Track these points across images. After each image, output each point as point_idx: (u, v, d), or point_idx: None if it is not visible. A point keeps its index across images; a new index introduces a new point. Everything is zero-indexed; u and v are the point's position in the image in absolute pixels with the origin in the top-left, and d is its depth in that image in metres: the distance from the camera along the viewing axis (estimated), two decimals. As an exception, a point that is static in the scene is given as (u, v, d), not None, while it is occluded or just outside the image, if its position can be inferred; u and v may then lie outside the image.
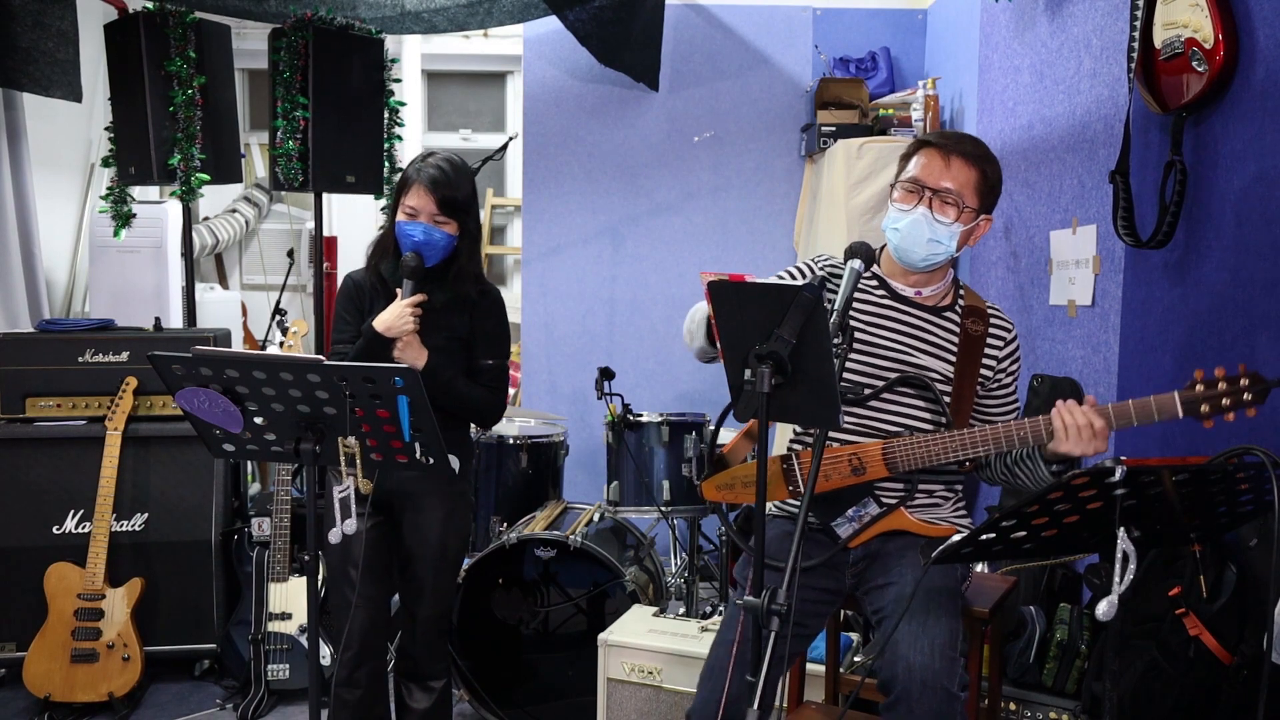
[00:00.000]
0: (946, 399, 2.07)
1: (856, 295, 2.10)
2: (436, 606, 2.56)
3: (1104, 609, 1.46)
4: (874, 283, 2.17)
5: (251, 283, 6.06)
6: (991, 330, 2.14)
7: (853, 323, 2.07)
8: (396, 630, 2.78)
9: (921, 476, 2.08)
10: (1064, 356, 3.08)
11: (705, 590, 3.88)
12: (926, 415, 2.09)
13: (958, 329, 2.13)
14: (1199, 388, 1.80)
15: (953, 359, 2.10)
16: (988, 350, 2.13)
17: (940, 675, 1.82)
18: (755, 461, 2.13)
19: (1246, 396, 1.78)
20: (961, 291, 2.20)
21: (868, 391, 2.09)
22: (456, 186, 2.41)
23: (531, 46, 4.60)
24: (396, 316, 2.34)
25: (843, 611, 2.76)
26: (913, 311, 2.14)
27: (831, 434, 2.09)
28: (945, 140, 2.09)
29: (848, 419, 2.10)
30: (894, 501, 2.07)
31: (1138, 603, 2.21)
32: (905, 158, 2.13)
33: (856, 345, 2.09)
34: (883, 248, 2.20)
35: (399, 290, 2.38)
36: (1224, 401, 1.78)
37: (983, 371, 2.11)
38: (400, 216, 2.40)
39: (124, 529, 3.35)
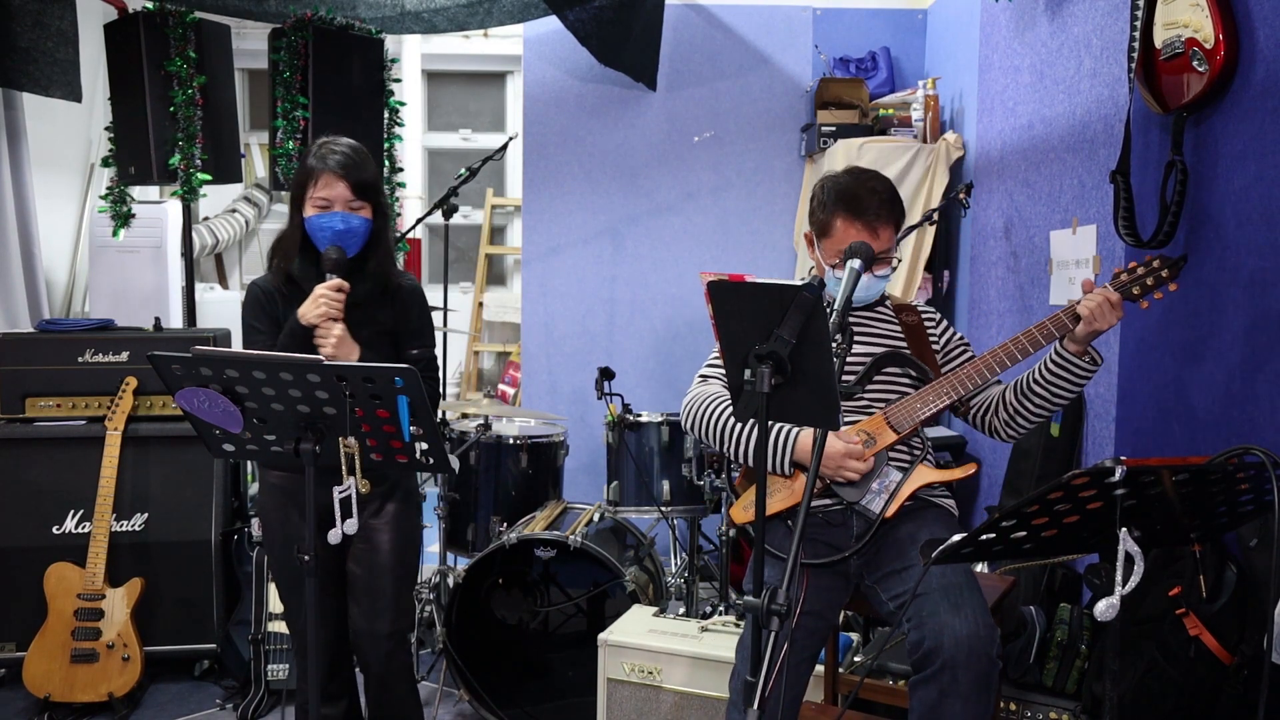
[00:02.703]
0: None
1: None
2: (401, 621, 2.40)
3: (1103, 609, 1.45)
4: None
5: (251, 283, 6.06)
6: (924, 319, 2.33)
7: None
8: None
9: (927, 437, 2.23)
10: (1064, 356, 3.08)
11: (705, 590, 3.88)
12: (908, 386, 2.23)
13: (896, 321, 2.31)
14: (1122, 276, 2.12)
15: (904, 343, 2.28)
16: (927, 331, 2.31)
17: (986, 643, 1.89)
18: (776, 475, 2.19)
19: (1164, 273, 2.09)
20: (888, 297, 2.38)
21: (851, 383, 2.17)
22: (365, 168, 2.30)
23: (531, 46, 4.60)
24: (311, 301, 2.20)
25: (842, 612, 2.76)
26: (853, 315, 2.28)
27: None
28: (860, 207, 2.17)
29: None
30: (910, 461, 2.17)
31: (1138, 603, 2.21)
32: (824, 221, 2.21)
33: None
34: (843, 254, 2.31)
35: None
36: (1148, 281, 2.10)
37: (934, 349, 2.29)
38: (310, 210, 2.26)
39: (124, 529, 3.35)
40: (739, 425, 2.19)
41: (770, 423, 2.11)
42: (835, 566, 2.14)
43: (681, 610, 2.90)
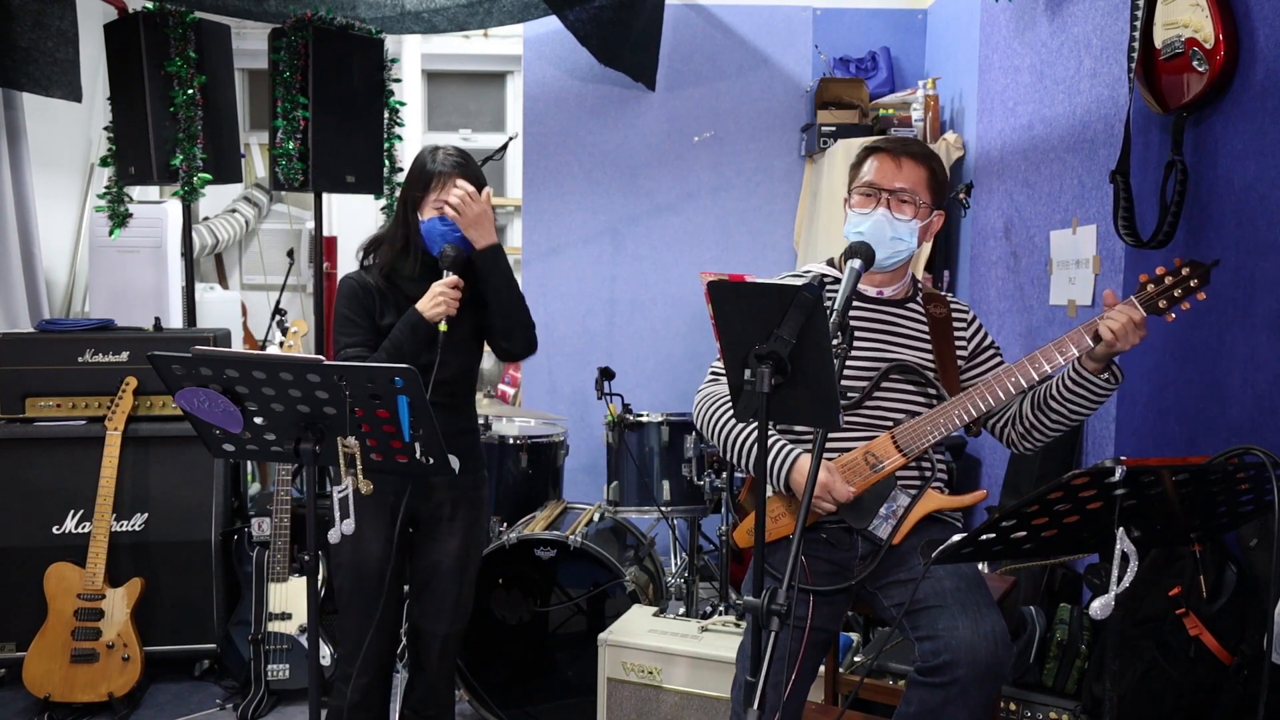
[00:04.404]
0: (933, 376, 2.14)
1: (826, 303, 2.14)
2: (457, 624, 2.45)
3: (1099, 608, 1.45)
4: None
5: (251, 283, 6.06)
6: (953, 312, 2.22)
7: None
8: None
9: (936, 457, 2.14)
10: (1064, 356, 3.08)
11: (705, 590, 3.88)
12: (920, 400, 2.15)
13: (924, 315, 2.21)
14: (1150, 286, 1.96)
15: (928, 345, 2.18)
16: (955, 329, 2.20)
17: (1003, 666, 1.87)
18: (778, 495, 2.15)
19: (1193, 282, 1.94)
20: (920, 284, 2.29)
21: (857, 394, 2.11)
22: (481, 175, 2.38)
23: (531, 46, 4.60)
24: (429, 297, 2.26)
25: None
26: (879, 309, 2.20)
27: (834, 442, 2.11)
28: (893, 144, 2.17)
29: (846, 422, 2.12)
30: (919, 485, 2.10)
31: (1138, 603, 2.21)
32: (856, 166, 2.21)
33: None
34: (843, 254, 2.26)
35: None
36: (1175, 292, 1.95)
37: (957, 349, 2.19)
38: (431, 213, 2.31)
39: (124, 529, 3.35)
40: (742, 436, 2.12)
41: (771, 440, 2.09)
42: (833, 575, 2.12)
43: (681, 610, 2.90)
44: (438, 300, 2.25)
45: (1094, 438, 2.96)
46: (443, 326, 2.25)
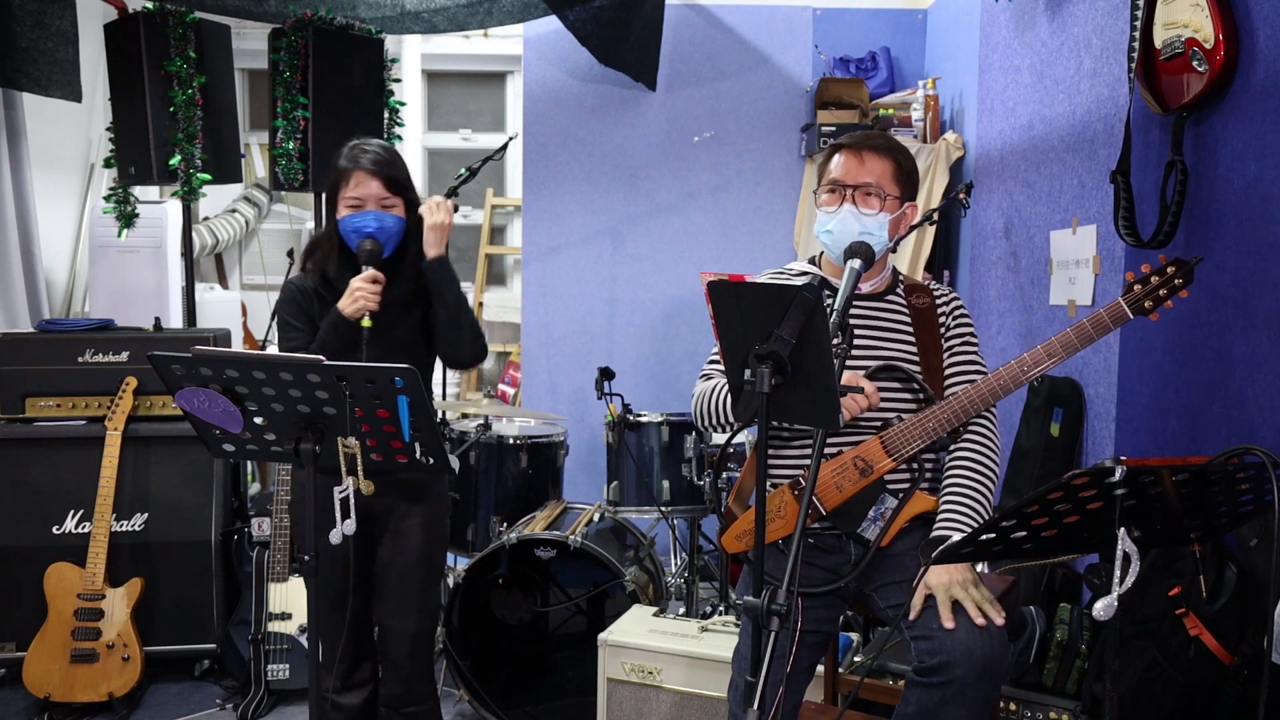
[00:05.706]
0: (917, 371, 2.12)
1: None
2: (426, 620, 2.44)
3: (1102, 609, 1.45)
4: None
5: (251, 283, 6.06)
6: (936, 299, 2.21)
7: None
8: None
9: (924, 456, 2.11)
10: (1064, 356, 3.08)
11: (705, 590, 3.88)
12: (907, 397, 2.13)
13: (905, 306, 2.19)
14: (1136, 287, 1.98)
15: (911, 337, 2.16)
16: (939, 320, 2.19)
17: (1001, 663, 1.87)
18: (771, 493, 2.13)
19: (1177, 281, 1.96)
20: (901, 276, 2.27)
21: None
22: (396, 165, 2.35)
23: (531, 46, 4.60)
24: (348, 295, 2.24)
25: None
26: (860, 305, 2.18)
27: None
28: (855, 140, 2.17)
29: None
30: (909, 484, 2.09)
31: (1138, 603, 2.21)
32: (823, 164, 2.20)
33: None
34: (821, 254, 2.27)
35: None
36: (1160, 292, 1.97)
37: (941, 336, 2.17)
38: (344, 211, 2.30)
39: (124, 529, 3.35)
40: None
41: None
42: (826, 578, 2.11)
43: (681, 610, 2.90)
44: (355, 296, 2.24)
45: (1094, 438, 2.96)
46: (365, 322, 2.24)
